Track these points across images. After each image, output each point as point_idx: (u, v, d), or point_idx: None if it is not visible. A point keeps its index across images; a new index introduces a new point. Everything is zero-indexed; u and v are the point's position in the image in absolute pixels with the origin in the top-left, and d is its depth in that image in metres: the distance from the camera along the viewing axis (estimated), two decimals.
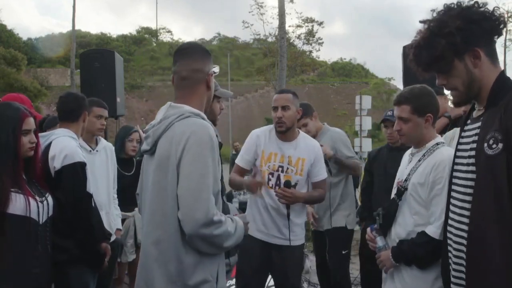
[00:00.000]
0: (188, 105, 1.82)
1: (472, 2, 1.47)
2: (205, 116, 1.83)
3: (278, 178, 3.02)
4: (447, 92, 4.03)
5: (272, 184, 3.02)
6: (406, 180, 2.26)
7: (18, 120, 2.13)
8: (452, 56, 1.48)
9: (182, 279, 1.69)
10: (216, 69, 1.98)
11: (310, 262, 4.97)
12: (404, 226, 2.25)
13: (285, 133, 3.04)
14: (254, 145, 3.12)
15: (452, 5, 1.49)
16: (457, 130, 3.08)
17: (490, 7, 1.48)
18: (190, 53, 1.90)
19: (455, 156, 1.58)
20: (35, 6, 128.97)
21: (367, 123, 10.97)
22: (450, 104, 4.04)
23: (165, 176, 1.71)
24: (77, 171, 2.49)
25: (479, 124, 1.49)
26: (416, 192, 2.20)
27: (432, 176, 2.14)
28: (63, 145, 2.53)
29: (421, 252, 2.15)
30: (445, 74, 1.54)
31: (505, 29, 1.52)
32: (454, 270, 1.58)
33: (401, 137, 2.36)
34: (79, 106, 2.76)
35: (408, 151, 2.47)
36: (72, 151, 2.51)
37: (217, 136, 1.81)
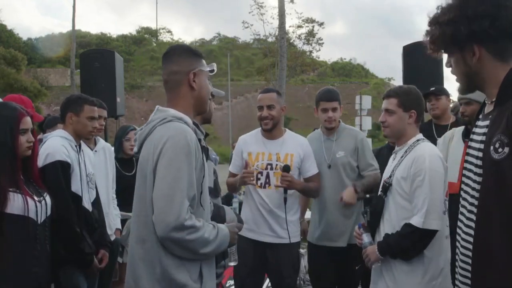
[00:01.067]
0: (175, 108, 1.84)
1: None
2: (188, 120, 1.82)
3: (268, 176, 3.08)
4: (450, 91, 4.05)
5: (261, 183, 3.09)
6: (390, 176, 2.34)
7: (15, 120, 2.13)
8: (444, 46, 1.42)
9: (166, 279, 1.71)
10: (208, 67, 1.95)
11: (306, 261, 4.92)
12: (390, 222, 2.31)
13: (271, 130, 3.11)
14: (240, 150, 3.24)
15: None
16: (456, 129, 3.10)
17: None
18: (169, 56, 1.91)
19: (467, 154, 1.51)
20: (36, 6, 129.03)
21: (367, 123, 10.99)
22: (450, 105, 4.05)
23: (144, 179, 1.75)
24: (57, 169, 2.48)
25: (487, 122, 1.40)
26: (400, 186, 2.28)
27: (413, 168, 2.24)
28: (48, 144, 2.55)
29: (407, 243, 2.21)
30: (449, 58, 1.47)
31: None
32: (461, 271, 1.53)
33: (385, 129, 2.43)
34: (63, 107, 2.77)
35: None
36: (54, 150, 2.51)
37: (200, 140, 1.82)
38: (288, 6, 20.83)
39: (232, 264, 2.32)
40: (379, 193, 2.38)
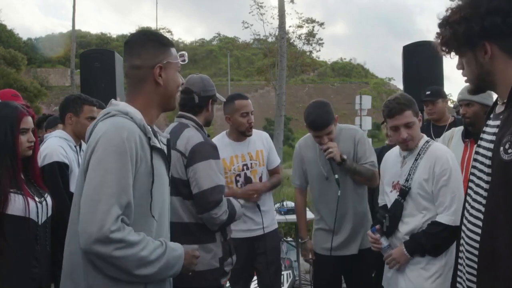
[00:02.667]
0: (132, 104, 1.60)
1: None
2: (136, 116, 1.55)
3: (245, 176, 3.21)
4: (448, 92, 4.05)
5: (241, 184, 3.21)
6: (407, 180, 2.34)
7: (16, 119, 2.12)
8: (456, 46, 1.41)
9: None
10: (179, 57, 1.69)
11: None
12: (412, 224, 2.33)
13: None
14: None
15: None
16: (455, 129, 3.11)
17: None
18: (131, 47, 1.64)
19: (476, 153, 1.49)
20: (36, 6, 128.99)
21: (367, 123, 11.00)
22: (450, 104, 4.06)
23: (80, 182, 1.52)
24: (54, 170, 2.49)
25: (498, 122, 1.38)
26: (422, 189, 2.30)
27: (438, 168, 2.27)
28: (46, 145, 2.57)
29: (438, 241, 2.25)
30: (460, 59, 1.45)
31: None
32: (468, 269, 1.50)
33: (408, 142, 2.38)
34: (63, 107, 2.78)
35: (393, 152, 2.57)
36: (52, 151, 2.52)
37: (150, 139, 1.54)
38: (288, 6, 20.82)
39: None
40: (397, 197, 2.39)
